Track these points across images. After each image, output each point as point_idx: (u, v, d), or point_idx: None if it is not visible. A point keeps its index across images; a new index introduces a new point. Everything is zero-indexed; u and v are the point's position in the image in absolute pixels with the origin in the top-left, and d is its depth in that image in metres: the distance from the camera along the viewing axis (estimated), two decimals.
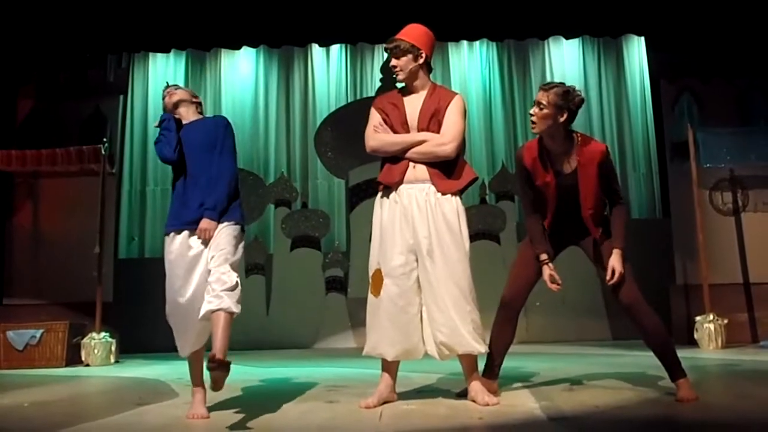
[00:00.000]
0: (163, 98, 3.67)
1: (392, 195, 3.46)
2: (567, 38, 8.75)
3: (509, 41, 8.93)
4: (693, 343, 6.48)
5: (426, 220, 3.38)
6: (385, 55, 8.68)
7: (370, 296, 3.48)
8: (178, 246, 3.38)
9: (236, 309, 3.16)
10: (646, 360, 5.26)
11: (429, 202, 3.40)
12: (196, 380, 3.41)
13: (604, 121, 8.86)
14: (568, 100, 3.31)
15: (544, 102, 3.31)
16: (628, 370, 4.47)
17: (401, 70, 3.50)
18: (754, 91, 7.59)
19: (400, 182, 3.44)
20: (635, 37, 8.74)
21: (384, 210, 3.49)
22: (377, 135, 3.52)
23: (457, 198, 3.45)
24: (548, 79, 8.93)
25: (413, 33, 3.52)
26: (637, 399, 3.37)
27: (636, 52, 8.86)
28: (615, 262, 3.40)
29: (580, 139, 3.42)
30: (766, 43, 7.32)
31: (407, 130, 3.50)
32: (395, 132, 3.51)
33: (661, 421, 2.94)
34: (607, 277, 3.41)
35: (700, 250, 6.74)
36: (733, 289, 7.09)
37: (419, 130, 3.48)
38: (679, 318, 7.07)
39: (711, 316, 6.44)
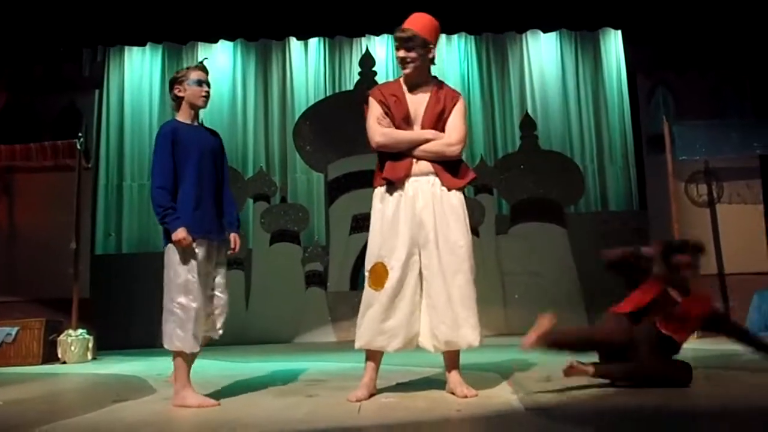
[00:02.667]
0: (202, 93, 3.52)
1: (396, 189, 3.43)
2: (545, 32, 8.82)
3: (487, 35, 8.97)
4: None
5: (433, 210, 3.38)
6: (363, 48, 8.83)
7: (368, 290, 3.41)
8: (201, 252, 3.41)
9: None
10: None
11: (435, 193, 3.41)
12: (188, 375, 3.45)
13: (582, 113, 8.92)
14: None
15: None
16: None
17: (411, 63, 3.43)
18: (727, 84, 7.70)
19: (407, 177, 3.43)
20: (612, 31, 8.81)
21: (386, 204, 3.44)
22: (384, 130, 3.45)
23: (461, 192, 3.47)
24: (526, 73, 8.98)
25: (426, 26, 3.43)
26: (614, 390, 3.40)
27: (613, 45, 8.94)
28: None
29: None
30: (738, 37, 7.42)
31: (409, 125, 3.47)
32: (397, 126, 3.46)
33: (637, 410, 2.98)
34: None
35: None
36: (708, 279, 7.18)
37: (424, 127, 3.46)
38: None
39: None
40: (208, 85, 3.56)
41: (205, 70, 3.57)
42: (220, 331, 3.57)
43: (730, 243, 7.32)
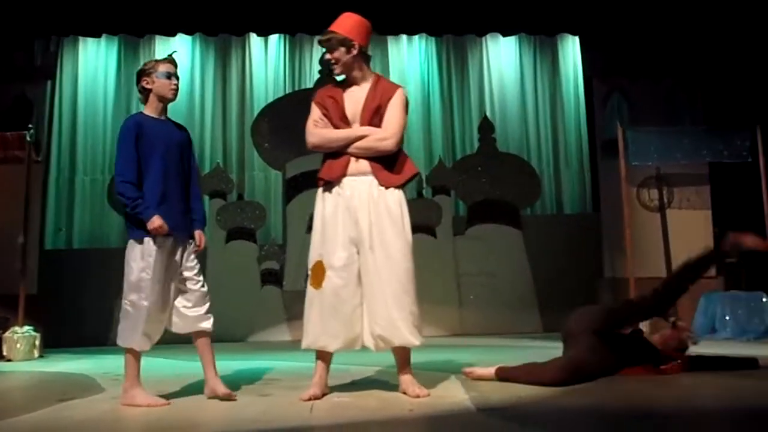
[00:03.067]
0: (171, 85, 3.47)
1: (335, 188, 3.44)
2: (504, 35, 8.92)
3: (448, 36, 9.02)
4: None
5: (368, 211, 3.38)
6: None
7: (310, 288, 3.44)
8: (164, 249, 3.35)
9: None
10: None
11: (372, 194, 3.40)
12: (137, 373, 3.40)
13: (539, 118, 9.04)
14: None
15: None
16: None
17: (336, 63, 3.48)
18: (679, 92, 7.89)
19: (343, 176, 3.43)
20: (570, 37, 8.95)
21: (326, 203, 3.46)
22: (317, 131, 3.49)
23: (400, 191, 3.46)
24: (486, 76, 9.06)
25: (346, 24, 3.48)
26: (562, 389, 3.46)
27: (570, 51, 9.07)
28: None
29: None
30: (691, 46, 7.63)
31: (347, 124, 3.48)
32: (335, 126, 3.48)
33: (585, 410, 3.03)
34: None
35: (627, 245, 6.97)
36: (658, 282, 7.35)
37: (362, 124, 3.46)
38: None
39: None
40: (177, 78, 3.52)
41: (174, 63, 3.54)
42: (203, 324, 3.50)
43: (679, 247, 7.49)
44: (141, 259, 3.31)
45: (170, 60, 3.54)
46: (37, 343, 6.16)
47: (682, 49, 7.71)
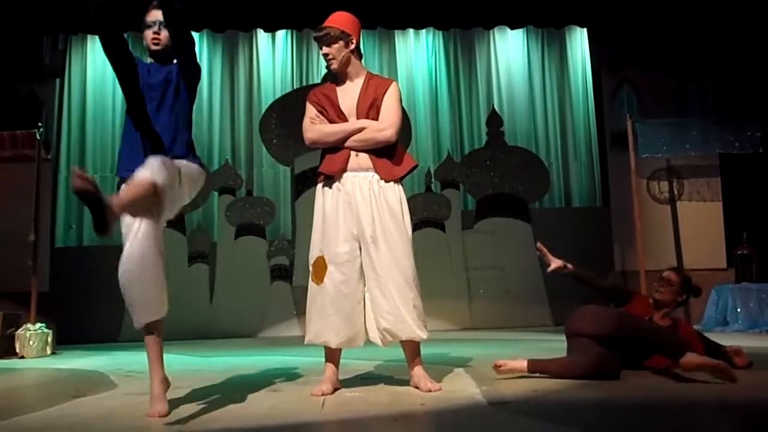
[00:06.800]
0: (150, 36, 3.18)
1: (335, 183, 3.46)
2: (512, 28, 8.89)
3: (455, 30, 9.00)
4: None
5: (370, 207, 3.39)
6: None
7: (311, 284, 3.47)
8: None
9: None
10: None
11: (372, 189, 3.41)
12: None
13: (547, 111, 9.00)
14: None
15: None
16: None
17: (334, 58, 3.49)
18: (689, 83, 7.84)
19: (343, 171, 3.44)
20: (578, 29, 8.91)
21: (326, 198, 3.48)
22: (315, 126, 3.50)
23: (400, 186, 3.48)
24: (493, 69, 9.04)
25: (341, 19, 3.51)
26: (574, 383, 3.45)
27: (579, 43, 9.03)
28: None
29: None
30: (701, 37, 7.57)
31: (344, 120, 3.49)
32: (332, 122, 3.49)
33: (597, 403, 3.02)
34: None
35: (638, 238, 6.95)
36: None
37: (358, 118, 3.47)
38: None
39: None
40: (161, 26, 3.18)
41: (155, 7, 3.21)
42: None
43: (689, 239, 7.48)
44: None
45: (153, 5, 3.22)
46: (50, 340, 6.21)
47: (691, 41, 7.66)
